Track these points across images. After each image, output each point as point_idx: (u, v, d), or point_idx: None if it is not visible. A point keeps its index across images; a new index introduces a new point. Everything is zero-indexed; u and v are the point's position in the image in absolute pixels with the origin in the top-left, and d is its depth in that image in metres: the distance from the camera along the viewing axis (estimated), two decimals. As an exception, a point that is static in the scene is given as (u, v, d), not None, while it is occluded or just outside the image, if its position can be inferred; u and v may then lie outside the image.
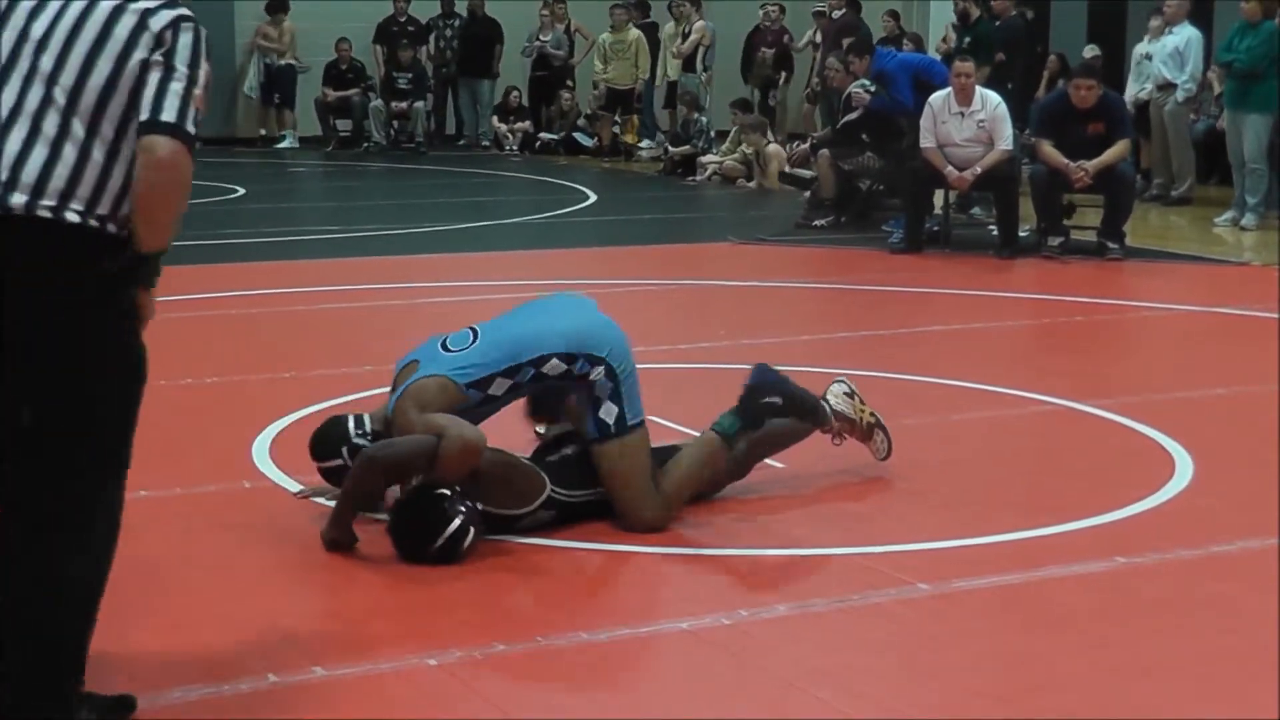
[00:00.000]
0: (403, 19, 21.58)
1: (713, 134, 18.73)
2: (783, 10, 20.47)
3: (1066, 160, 11.55)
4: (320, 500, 5.23)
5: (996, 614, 4.49)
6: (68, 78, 3.52)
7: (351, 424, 5.20)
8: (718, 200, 16.63)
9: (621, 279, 10.44)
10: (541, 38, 21.71)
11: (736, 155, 17.48)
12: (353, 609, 4.47)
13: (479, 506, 4.84)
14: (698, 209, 16.16)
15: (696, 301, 9.94)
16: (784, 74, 19.96)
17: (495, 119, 21.48)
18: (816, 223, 13.62)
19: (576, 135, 21.23)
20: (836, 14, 17.74)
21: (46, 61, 3.54)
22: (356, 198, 16.25)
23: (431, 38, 21.88)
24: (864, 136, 13.54)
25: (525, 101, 21.71)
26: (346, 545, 4.86)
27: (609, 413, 5.05)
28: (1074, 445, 6.55)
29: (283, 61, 21.14)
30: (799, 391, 5.38)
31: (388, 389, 6.07)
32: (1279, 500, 5.49)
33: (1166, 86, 15.30)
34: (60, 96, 3.52)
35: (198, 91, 3.58)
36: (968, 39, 14.57)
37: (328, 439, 5.20)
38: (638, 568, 4.79)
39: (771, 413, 5.28)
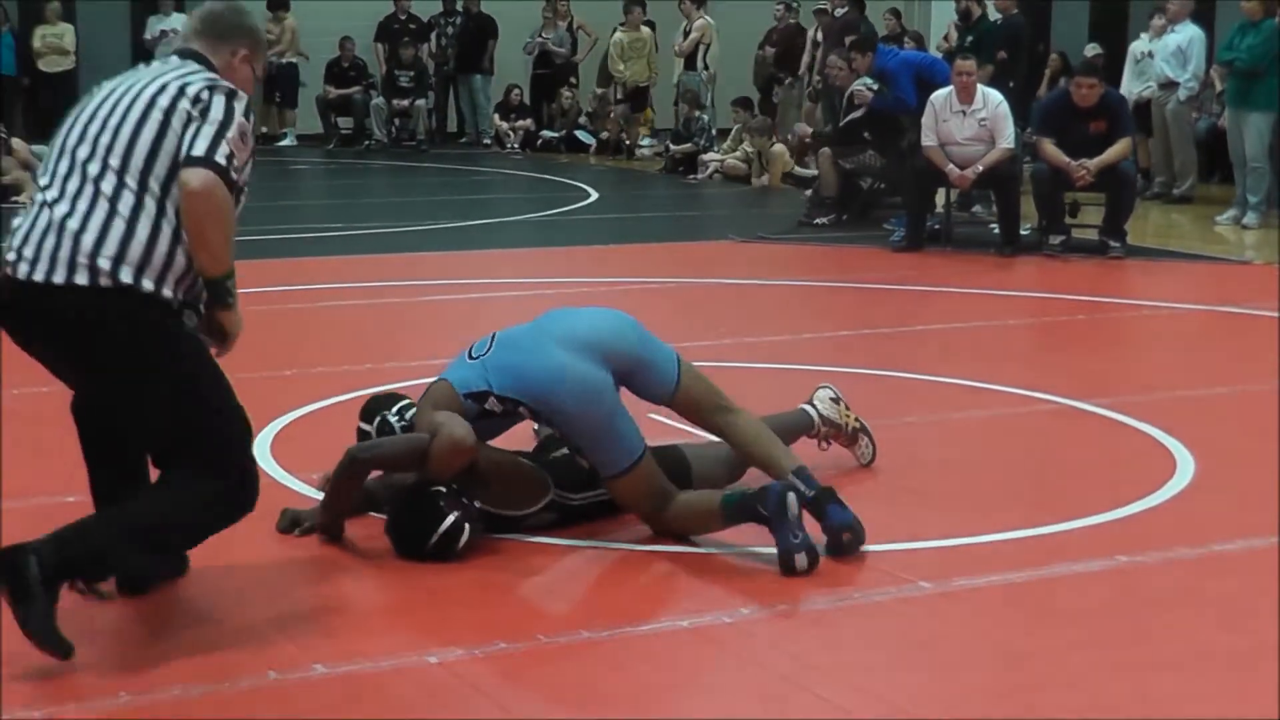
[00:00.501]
0: (404, 17, 21.58)
1: (714, 132, 18.72)
2: (789, 9, 20.46)
3: (1068, 158, 11.55)
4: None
5: (998, 612, 4.49)
6: (117, 150, 4.01)
7: (397, 406, 5.26)
8: (719, 198, 16.63)
9: (623, 277, 10.44)
10: (543, 35, 21.71)
11: (738, 153, 17.49)
12: (354, 606, 4.47)
13: (478, 505, 4.84)
14: (699, 207, 16.16)
15: (698, 300, 9.93)
16: (787, 75, 19.93)
17: (496, 117, 21.47)
18: (818, 221, 13.62)
19: (578, 133, 21.22)
20: (839, 12, 17.73)
21: (103, 139, 4.04)
22: (358, 195, 16.25)
23: (433, 35, 21.88)
24: (866, 135, 13.53)
25: (527, 99, 21.70)
26: (333, 535, 4.91)
27: (586, 461, 5.04)
28: (1075, 444, 6.54)
29: (284, 60, 21.13)
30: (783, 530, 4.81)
31: (387, 386, 6.11)
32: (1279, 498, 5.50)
33: (1169, 85, 15.29)
34: (112, 168, 3.99)
35: (230, 135, 4.01)
36: (969, 38, 14.56)
37: (374, 405, 5.32)
38: (638, 566, 4.78)
39: (756, 520, 4.85)
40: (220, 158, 3.98)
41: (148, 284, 3.99)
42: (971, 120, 11.90)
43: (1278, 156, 13.79)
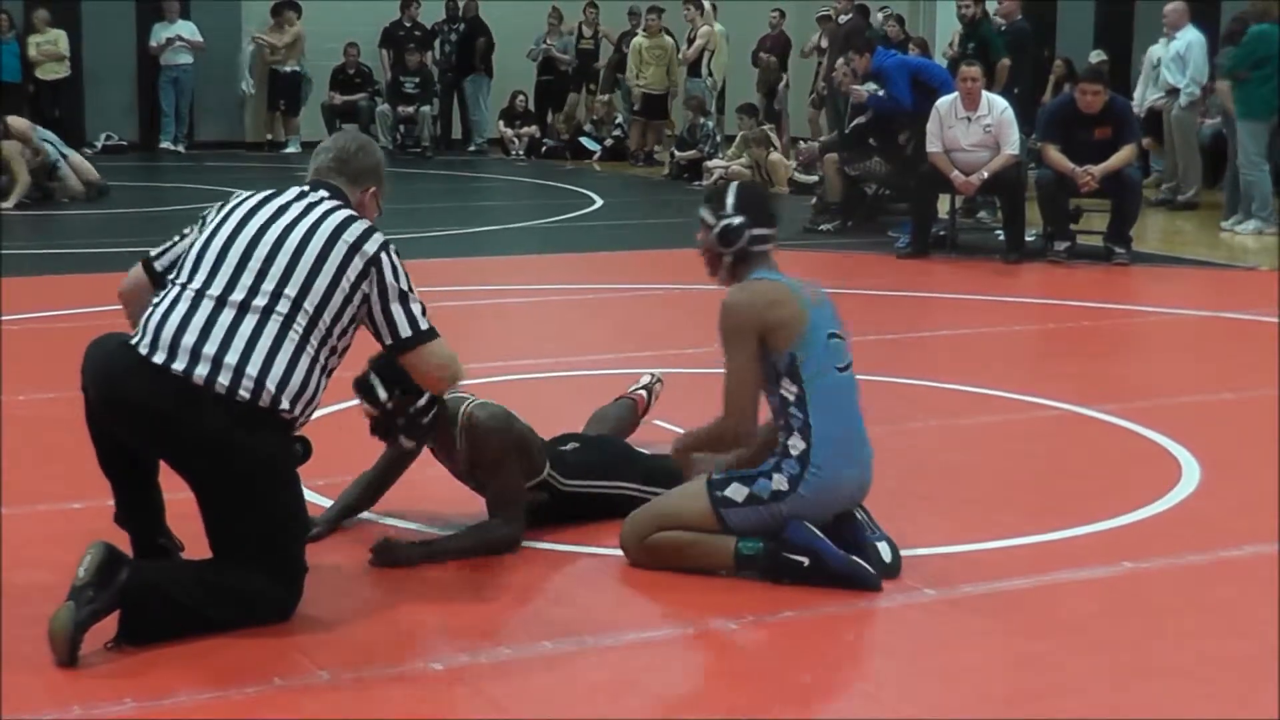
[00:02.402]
0: (409, 24, 21.60)
1: (719, 138, 18.73)
2: (782, 15, 20.47)
3: (1073, 165, 11.54)
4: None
5: (1003, 618, 4.48)
6: (295, 283, 4.24)
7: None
8: (724, 205, 16.59)
9: (627, 283, 10.44)
10: (548, 41, 21.72)
11: (743, 160, 17.48)
12: (357, 613, 4.47)
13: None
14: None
15: (703, 306, 9.90)
16: (784, 79, 19.94)
17: (501, 123, 21.47)
18: (823, 227, 13.62)
19: (583, 140, 21.22)
20: (843, 19, 17.73)
21: (279, 261, 4.26)
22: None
23: (437, 42, 21.90)
24: (871, 141, 13.53)
25: (531, 106, 21.70)
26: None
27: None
28: (1081, 450, 6.54)
29: (287, 68, 21.14)
30: (831, 554, 4.67)
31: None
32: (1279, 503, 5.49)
33: (1172, 91, 15.30)
34: (287, 296, 4.22)
35: (414, 296, 4.45)
36: (972, 44, 14.55)
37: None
38: (642, 573, 4.78)
39: (796, 572, 4.69)
40: (424, 325, 4.42)
41: (285, 410, 4.23)
42: (977, 126, 11.90)
43: (1277, 161, 13.79)
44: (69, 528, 5.10)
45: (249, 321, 4.20)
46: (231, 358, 4.16)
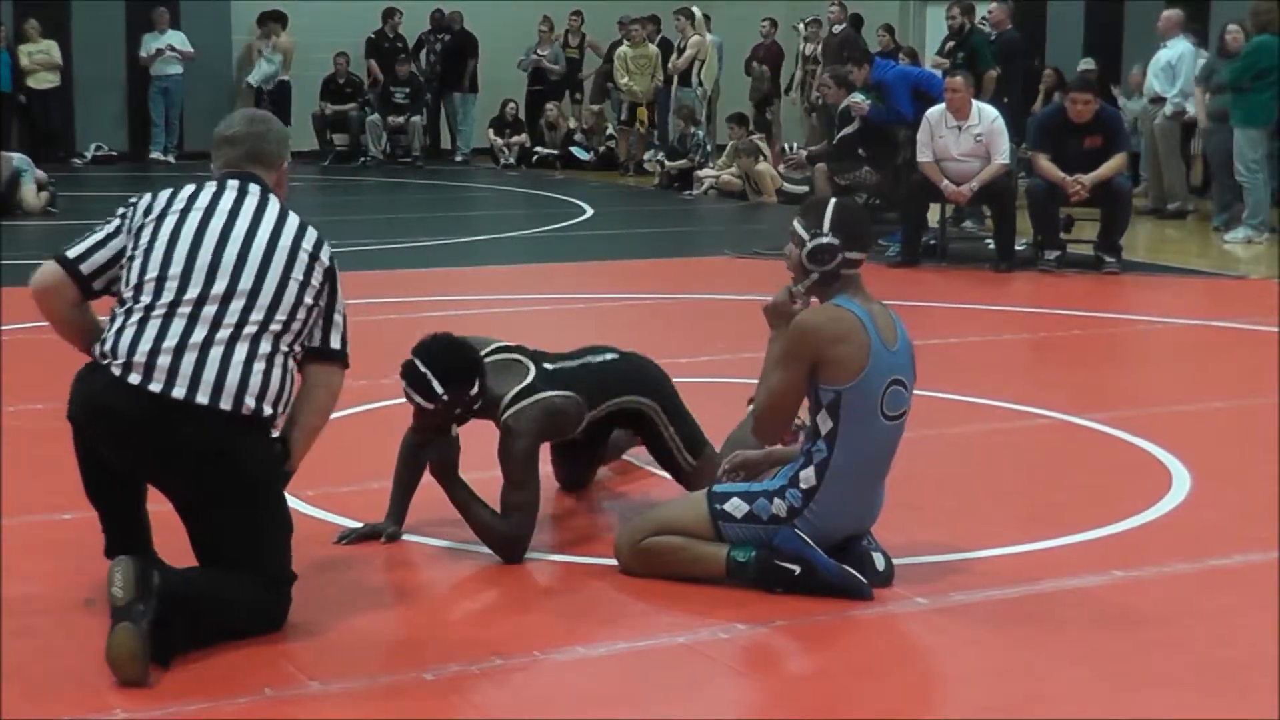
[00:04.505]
0: (392, 35, 21.60)
1: (709, 148, 18.74)
2: (774, 24, 20.50)
3: (1063, 174, 11.56)
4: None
5: (994, 627, 4.49)
6: (264, 295, 4.26)
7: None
8: (714, 214, 16.64)
9: (618, 293, 10.44)
10: (539, 52, 21.73)
11: (733, 169, 17.50)
12: (348, 623, 4.46)
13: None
14: (694, 223, 16.18)
15: (694, 315, 9.94)
16: (784, 84, 19.98)
17: (491, 132, 21.47)
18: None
19: (574, 149, 21.23)
20: (836, 29, 17.76)
21: (244, 272, 4.27)
22: (352, 212, 16.24)
23: (422, 53, 21.90)
24: (860, 151, 13.54)
25: (522, 115, 21.71)
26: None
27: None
28: (1071, 459, 6.55)
29: (277, 79, 21.14)
30: (823, 563, 4.65)
31: (383, 403, 6.07)
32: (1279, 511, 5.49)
33: (1158, 100, 15.33)
34: (254, 309, 4.23)
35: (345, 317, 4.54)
36: (961, 54, 14.58)
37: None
38: (635, 582, 4.78)
39: (788, 581, 4.63)
40: (347, 348, 4.53)
41: (268, 414, 4.26)
42: (967, 136, 11.92)
43: (1274, 168, 13.81)
44: (58, 539, 5.09)
45: (222, 337, 4.19)
46: (209, 374, 4.16)
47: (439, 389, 4.88)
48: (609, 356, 5.49)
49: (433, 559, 5.03)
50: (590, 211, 15.96)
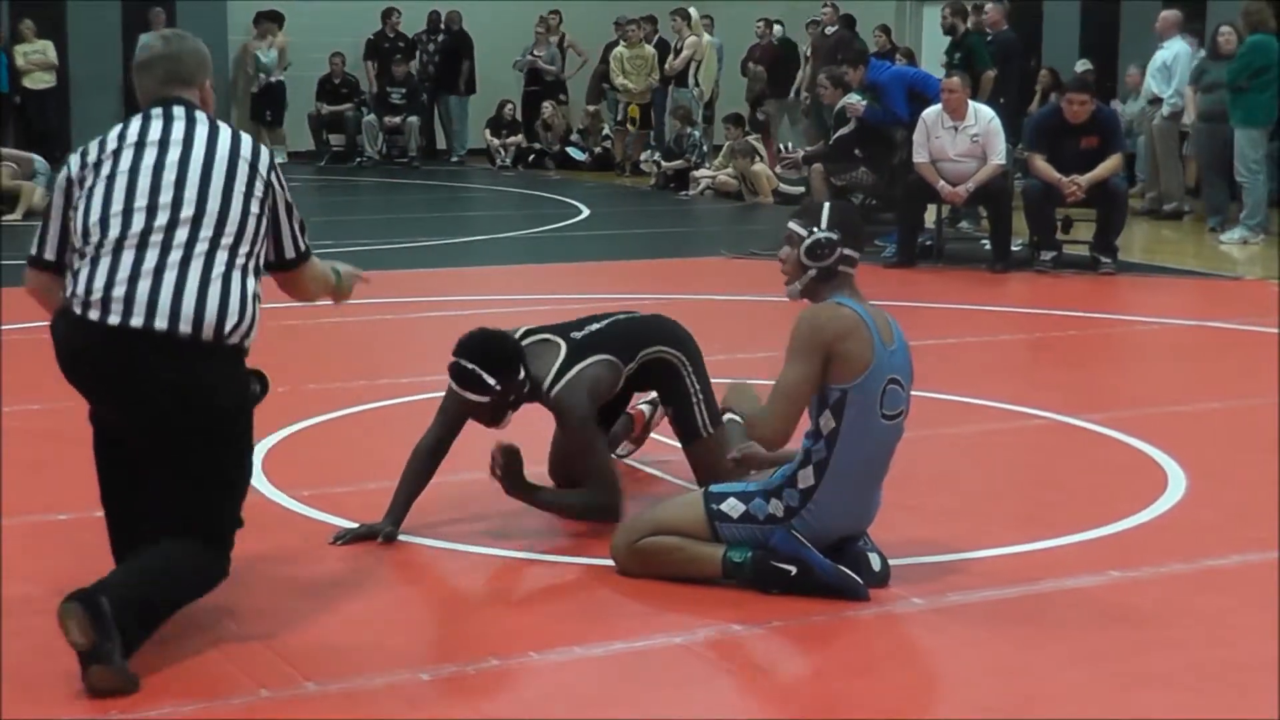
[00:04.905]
0: (392, 35, 21.60)
1: (705, 148, 18.74)
2: (769, 25, 20.50)
3: (1059, 174, 11.57)
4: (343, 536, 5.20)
5: (991, 627, 4.49)
6: (209, 215, 4.17)
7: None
8: (710, 214, 16.64)
9: (614, 293, 10.43)
10: (535, 52, 21.72)
11: (729, 170, 17.50)
12: (345, 624, 4.46)
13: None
14: (691, 223, 16.17)
15: (690, 316, 9.88)
16: (776, 92, 19.96)
17: (488, 132, 21.47)
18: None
19: (570, 150, 21.23)
20: (830, 30, 17.76)
21: (188, 196, 4.17)
22: (348, 212, 16.24)
23: (418, 54, 21.89)
24: (856, 151, 13.55)
25: (519, 116, 21.70)
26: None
27: None
28: (1067, 459, 6.55)
29: (272, 78, 21.14)
30: (819, 563, 4.65)
31: (379, 403, 6.06)
32: (1279, 513, 5.49)
33: (1155, 101, 15.34)
34: (203, 236, 4.14)
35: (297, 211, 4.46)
36: (958, 54, 14.60)
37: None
38: (631, 583, 4.77)
39: (784, 581, 4.63)
40: (305, 241, 4.48)
41: (234, 339, 4.17)
42: (963, 136, 11.93)
43: (1274, 168, 13.82)
44: (53, 540, 5.09)
45: (174, 260, 4.10)
46: (164, 300, 4.07)
47: (490, 380, 5.07)
48: (636, 314, 5.73)
49: (429, 560, 5.03)
50: (586, 212, 15.96)
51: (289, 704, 3.88)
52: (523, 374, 5.16)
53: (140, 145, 4.27)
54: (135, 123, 4.34)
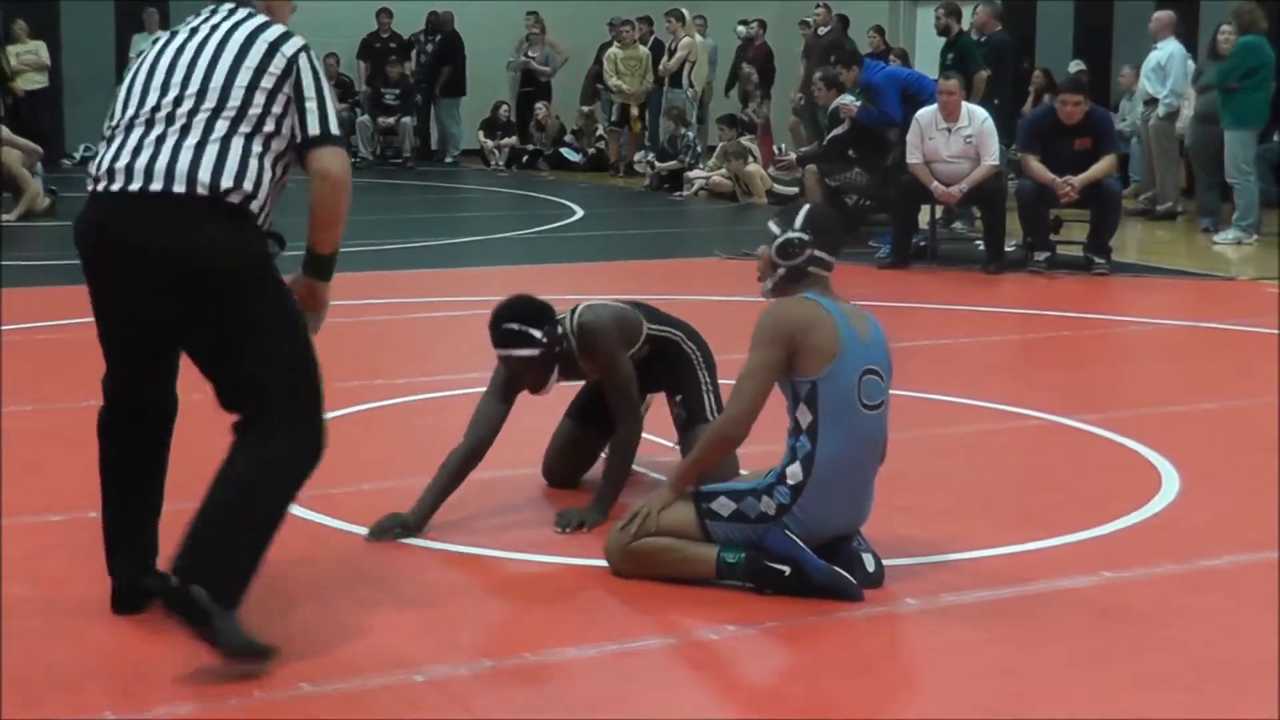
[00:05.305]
0: (386, 35, 21.59)
1: (699, 149, 18.75)
2: (763, 26, 20.51)
3: (1053, 175, 11.58)
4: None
5: (985, 628, 4.49)
6: (213, 90, 4.09)
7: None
8: (704, 215, 16.65)
9: (609, 294, 10.42)
10: (529, 54, 21.72)
11: (723, 170, 17.50)
12: (339, 625, 4.46)
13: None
14: (684, 224, 16.18)
15: (684, 316, 9.91)
16: (760, 90, 19.98)
17: (482, 134, 21.47)
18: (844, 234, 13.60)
19: (564, 150, 21.22)
20: (823, 30, 17.77)
21: (195, 77, 4.12)
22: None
23: (414, 54, 21.89)
24: (850, 152, 13.56)
25: (513, 117, 21.70)
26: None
27: None
28: (1061, 460, 6.56)
29: None
30: (812, 563, 4.65)
31: (375, 404, 6.07)
32: (1279, 512, 5.50)
33: (1151, 101, 15.36)
34: (205, 107, 4.07)
35: (329, 96, 4.23)
36: (951, 55, 14.61)
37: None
38: (625, 584, 4.78)
39: (777, 581, 4.64)
40: (336, 129, 4.19)
41: (236, 199, 4.05)
42: (957, 137, 11.94)
43: (1264, 169, 13.84)
44: (49, 541, 5.09)
45: (173, 129, 4.09)
46: (160, 164, 4.04)
47: (536, 333, 5.26)
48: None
49: (423, 562, 5.03)
50: (580, 213, 15.97)
51: (285, 705, 3.88)
52: (560, 329, 5.38)
53: (171, 37, 4.29)
54: (188, 20, 4.35)
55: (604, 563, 4.87)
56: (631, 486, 5.89)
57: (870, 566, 4.73)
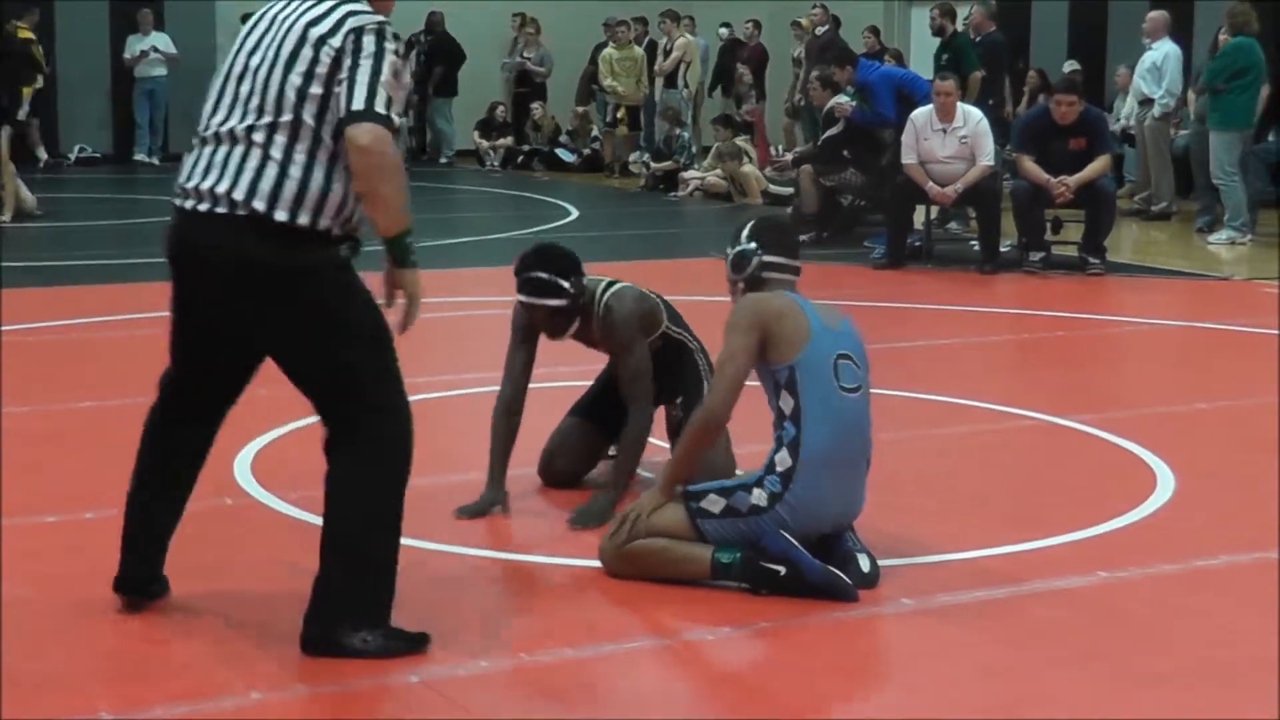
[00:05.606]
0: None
1: (694, 149, 18.74)
2: (758, 26, 20.51)
3: (1048, 175, 11.59)
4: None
5: (981, 628, 4.49)
6: (271, 92, 4.05)
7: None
8: (700, 216, 16.65)
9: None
10: (524, 55, 21.72)
11: (718, 171, 17.50)
12: (335, 625, 4.46)
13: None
14: (680, 225, 16.18)
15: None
16: (755, 91, 19.97)
17: (477, 134, 21.45)
18: (799, 238, 13.63)
19: (559, 151, 21.21)
20: (820, 30, 17.77)
21: (260, 73, 4.09)
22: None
23: (412, 54, 21.87)
24: (845, 153, 13.56)
25: (509, 117, 21.68)
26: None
27: None
28: (1056, 460, 6.56)
29: None
30: (808, 563, 4.64)
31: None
32: (1278, 513, 5.50)
33: (1146, 102, 15.37)
34: (267, 110, 4.04)
35: (385, 78, 4.01)
36: (946, 56, 14.61)
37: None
38: (620, 585, 4.78)
39: (773, 582, 4.64)
40: (380, 107, 4.00)
41: (303, 219, 4.04)
42: (952, 138, 11.94)
43: (1248, 170, 13.84)
44: (43, 542, 5.09)
45: (240, 147, 4.08)
46: (206, 183, 4.08)
47: (565, 283, 5.41)
48: None
49: (417, 563, 5.02)
50: (576, 213, 15.96)
51: (280, 706, 3.88)
52: (584, 279, 5.51)
53: (255, 24, 4.24)
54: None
55: (598, 564, 4.87)
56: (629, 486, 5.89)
57: (865, 567, 4.73)
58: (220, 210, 4.07)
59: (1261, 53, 13.55)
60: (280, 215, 4.02)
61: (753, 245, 4.98)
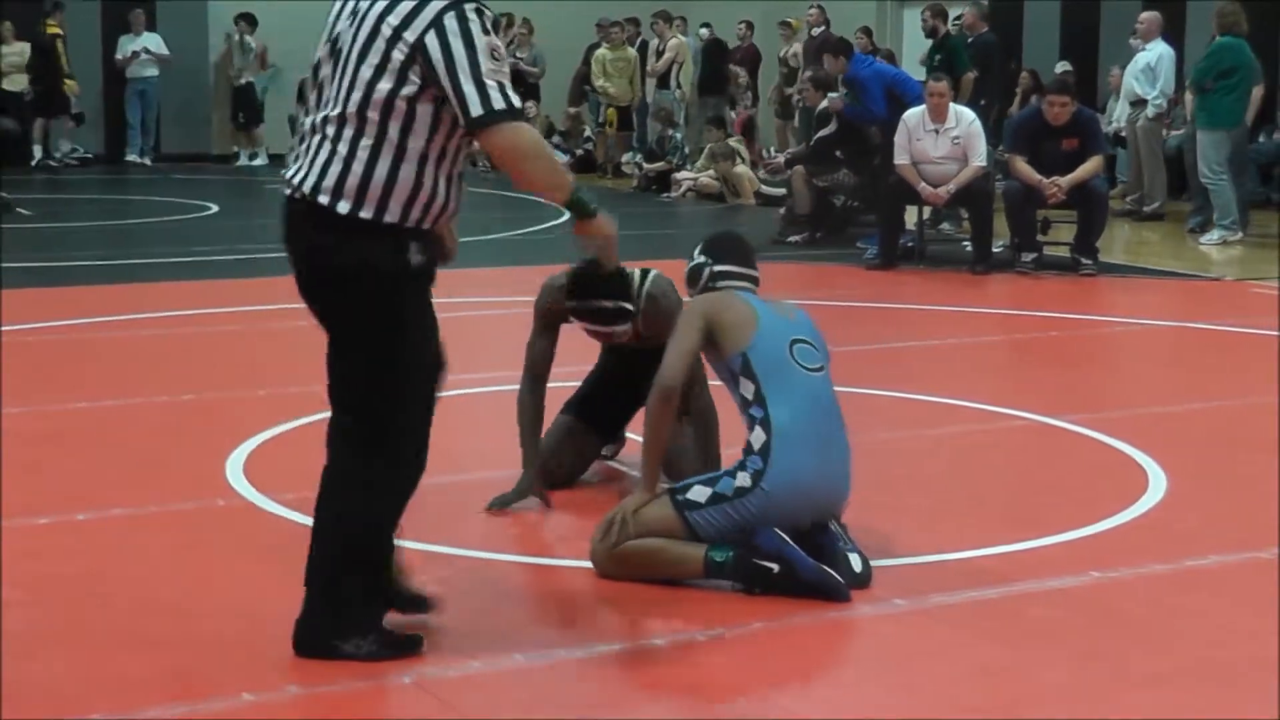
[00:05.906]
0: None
1: (687, 150, 18.74)
2: (750, 27, 20.52)
3: (1040, 176, 11.60)
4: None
5: (973, 628, 4.50)
6: (344, 84, 4.09)
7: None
8: (693, 217, 16.64)
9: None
10: (518, 55, 21.72)
11: (711, 171, 17.51)
12: (328, 626, 4.45)
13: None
14: (673, 225, 16.17)
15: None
16: (750, 91, 19.97)
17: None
18: (791, 239, 13.66)
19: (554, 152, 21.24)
20: (815, 31, 17.78)
21: (339, 61, 4.15)
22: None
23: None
24: (838, 154, 13.57)
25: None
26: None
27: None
28: (1048, 460, 6.56)
29: (243, 80, 21.13)
30: (801, 561, 4.64)
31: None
32: (1278, 513, 5.51)
33: (1139, 102, 15.39)
34: (339, 101, 4.07)
35: (486, 67, 3.96)
36: (938, 56, 14.63)
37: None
38: (613, 585, 4.77)
39: (766, 580, 4.64)
40: (498, 103, 3.96)
41: (365, 212, 4.05)
42: (945, 139, 11.95)
43: (1236, 170, 13.86)
44: (38, 544, 5.08)
45: (325, 140, 4.10)
46: (310, 181, 4.08)
47: (630, 308, 5.48)
48: None
49: (409, 564, 5.02)
50: (568, 214, 15.93)
51: (272, 707, 3.88)
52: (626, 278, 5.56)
53: (340, 13, 4.27)
54: None
55: (589, 564, 4.87)
56: (612, 482, 5.90)
57: (857, 567, 4.73)
58: (297, 199, 4.14)
59: (1250, 53, 13.57)
60: (343, 208, 4.05)
61: (704, 259, 5.20)
